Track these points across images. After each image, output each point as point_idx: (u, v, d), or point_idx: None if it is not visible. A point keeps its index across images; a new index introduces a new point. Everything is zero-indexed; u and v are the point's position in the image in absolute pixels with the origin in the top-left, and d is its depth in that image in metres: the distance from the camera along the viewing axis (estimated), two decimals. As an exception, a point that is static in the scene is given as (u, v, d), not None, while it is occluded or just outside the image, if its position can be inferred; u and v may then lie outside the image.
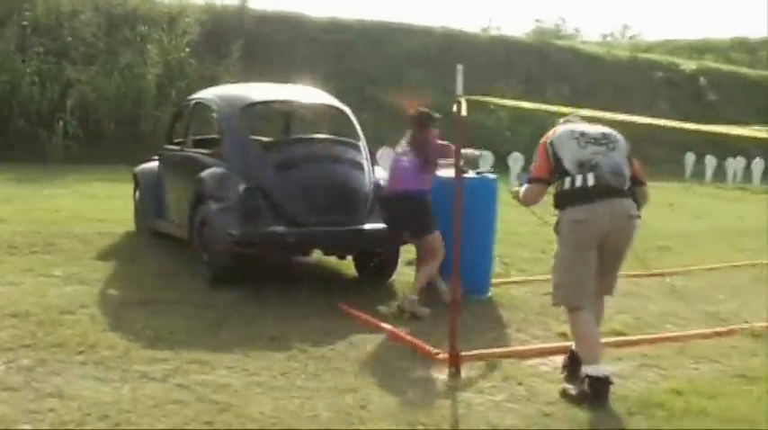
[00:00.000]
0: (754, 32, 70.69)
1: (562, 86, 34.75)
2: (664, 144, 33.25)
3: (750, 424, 6.61)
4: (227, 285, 9.93)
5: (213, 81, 23.55)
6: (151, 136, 23.62)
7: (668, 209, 21.36)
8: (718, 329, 9.59)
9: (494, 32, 44.60)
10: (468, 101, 7.53)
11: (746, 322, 9.89)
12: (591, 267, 7.05)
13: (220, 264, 10.14)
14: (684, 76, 43.91)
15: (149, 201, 13.11)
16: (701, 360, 8.40)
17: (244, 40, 29.13)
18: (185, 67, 27.75)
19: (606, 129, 7.27)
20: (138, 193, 13.75)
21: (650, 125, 7.70)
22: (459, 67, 7.41)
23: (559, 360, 7.87)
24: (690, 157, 33.60)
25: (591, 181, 6.95)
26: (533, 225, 16.69)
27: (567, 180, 7.05)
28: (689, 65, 45.64)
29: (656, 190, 10.81)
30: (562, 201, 7.15)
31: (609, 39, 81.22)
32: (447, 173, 9.93)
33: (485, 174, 10.89)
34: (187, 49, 28.29)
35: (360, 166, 10.70)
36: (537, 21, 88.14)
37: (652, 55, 48.64)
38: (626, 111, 9.20)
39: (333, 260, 11.58)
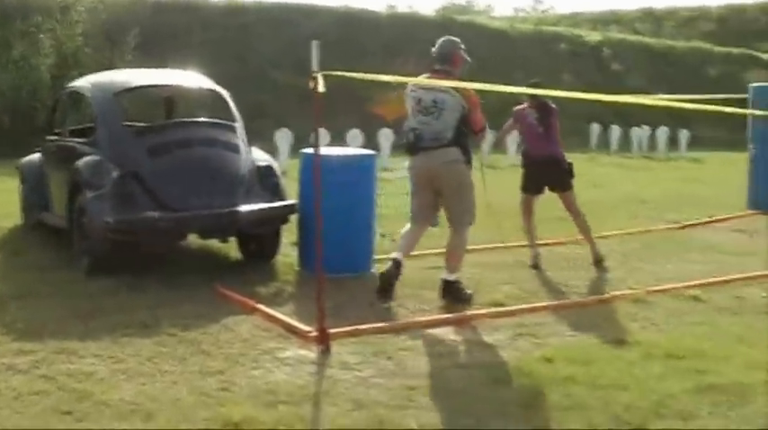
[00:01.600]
0: (661, 3, 71.21)
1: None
2: (569, 115, 33.24)
3: (618, 388, 6.59)
4: (106, 274, 9.76)
5: (109, 70, 23.26)
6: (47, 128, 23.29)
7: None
8: (599, 296, 9.66)
9: (397, 10, 44.39)
10: (325, 76, 7.41)
11: (630, 288, 9.97)
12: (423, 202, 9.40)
13: (98, 252, 9.95)
14: (588, 48, 44.21)
15: (33, 193, 12.91)
16: (580, 327, 8.43)
17: (140, 27, 28.72)
18: (80, 57, 27.30)
19: (438, 96, 8.92)
20: (22, 186, 13.53)
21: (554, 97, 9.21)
22: (315, 44, 7.32)
23: (435, 332, 7.98)
24: (595, 128, 33.84)
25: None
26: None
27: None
28: (593, 36, 45.97)
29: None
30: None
31: (521, 14, 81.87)
32: (327, 150, 9.97)
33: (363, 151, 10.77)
34: (80, 39, 27.83)
35: (235, 149, 10.59)
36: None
37: (556, 27, 48.87)
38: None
39: (216, 244, 11.46)
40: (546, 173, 11.19)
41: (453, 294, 9.20)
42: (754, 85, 18.83)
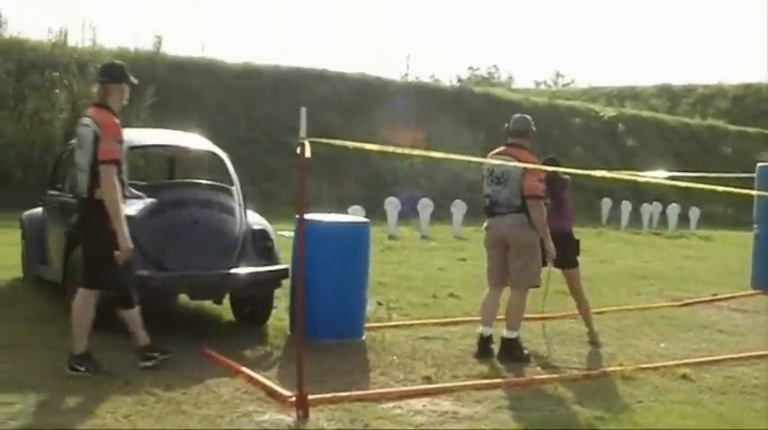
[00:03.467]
0: (678, 80, 71.69)
1: (478, 132, 34.89)
2: (580, 189, 33.31)
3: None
4: (96, 330, 9.74)
5: (124, 128, 23.38)
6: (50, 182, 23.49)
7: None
8: (587, 372, 9.63)
9: (411, 79, 44.57)
10: (312, 143, 7.44)
11: (620, 365, 9.94)
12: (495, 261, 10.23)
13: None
14: (602, 122, 44.34)
15: (33, 246, 13.00)
16: (563, 402, 8.42)
17: (156, 86, 28.87)
18: (94, 113, 27.43)
19: (502, 168, 9.77)
20: (23, 239, 13.64)
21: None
22: (303, 110, 7.36)
23: (415, 403, 7.94)
24: (606, 203, 33.85)
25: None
26: (431, 270, 16.90)
27: None
28: (607, 111, 46.10)
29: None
30: None
31: (542, 86, 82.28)
32: (316, 218, 10.04)
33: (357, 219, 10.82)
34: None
35: (231, 211, 10.62)
36: (470, 68, 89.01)
37: (572, 101, 49.04)
38: (542, 157, 9.67)
39: (210, 305, 11.49)
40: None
41: (512, 352, 9.93)
42: (761, 164, 18.86)
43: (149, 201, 10.28)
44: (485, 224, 10.31)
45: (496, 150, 10.15)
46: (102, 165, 8.34)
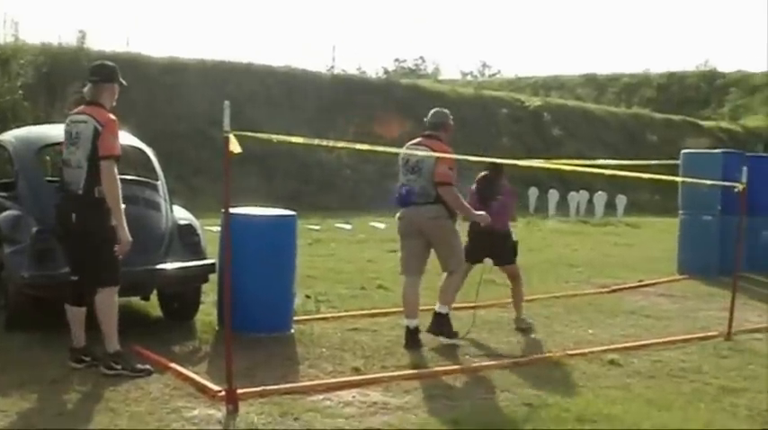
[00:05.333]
0: (603, 69, 72.29)
1: (406, 124, 34.88)
2: (507, 179, 33.53)
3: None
4: (23, 329, 9.66)
5: (48, 123, 23.13)
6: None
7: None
8: (516, 359, 9.68)
9: (337, 72, 44.53)
10: (236, 136, 7.40)
11: (549, 352, 10.03)
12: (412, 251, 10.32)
13: (15, 307, 9.87)
14: (529, 112, 44.56)
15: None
16: (494, 389, 8.47)
17: (80, 81, 28.48)
18: (18, 111, 27.11)
19: (416, 159, 10.08)
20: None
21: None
22: (226, 104, 7.32)
23: (345, 395, 7.96)
24: (533, 192, 34.04)
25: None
26: (360, 262, 16.90)
27: None
28: (533, 101, 46.33)
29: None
30: None
31: (468, 77, 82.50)
32: (243, 212, 10.02)
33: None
34: (20, 92, 27.68)
35: (156, 206, 10.55)
36: (397, 60, 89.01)
37: (498, 92, 49.21)
38: (469, 147, 9.82)
39: (138, 301, 11.40)
40: (488, 245, 11.20)
41: (441, 325, 10.29)
42: (685, 151, 19.10)
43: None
44: (398, 214, 10.44)
45: (413, 141, 10.39)
46: (103, 160, 8.39)
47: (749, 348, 11.08)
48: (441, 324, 10.30)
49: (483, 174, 11.63)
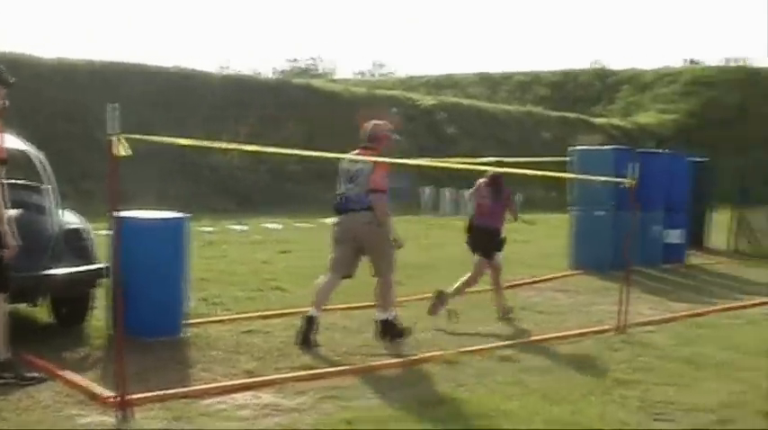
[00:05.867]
0: (497, 68, 73.04)
1: (300, 124, 34.84)
2: (401, 178, 33.55)
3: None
4: None
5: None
6: None
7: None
8: (410, 358, 9.68)
9: (230, 72, 44.31)
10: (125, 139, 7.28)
11: (443, 349, 10.04)
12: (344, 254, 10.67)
13: None
14: (422, 111, 44.71)
15: None
16: (387, 389, 8.42)
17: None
18: None
19: (354, 168, 10.49)
20: None
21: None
22: (110, 107, 7.21)
23: (238, 397, 7.90)
24: (427, 190, 34.15)
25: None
26: (255, 263, 16.79)
27: None
28: (427, 100, 46.50)
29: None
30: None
31: (362, 77, 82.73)
32: (133, 215, 9.87)
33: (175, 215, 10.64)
34: None
35: (43, 211, 10.35)
36: (291, 60, 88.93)
37: (391, 91, 49.31)
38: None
39: (26, 308, 11.17)
40: (484, 240, 12.87)
41: (389, 331, 10.52)
42: (573, 148, 19.33)
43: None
44: (335, 220, 10.82)
45: (353, 152, 10.73)
46: None
47: (641, 341, 11.26)
48: (386, 329, 10.58)
49: (491, 175, 12.82)
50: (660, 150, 24.32)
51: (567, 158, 18.87)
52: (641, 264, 18.02)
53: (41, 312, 11.14)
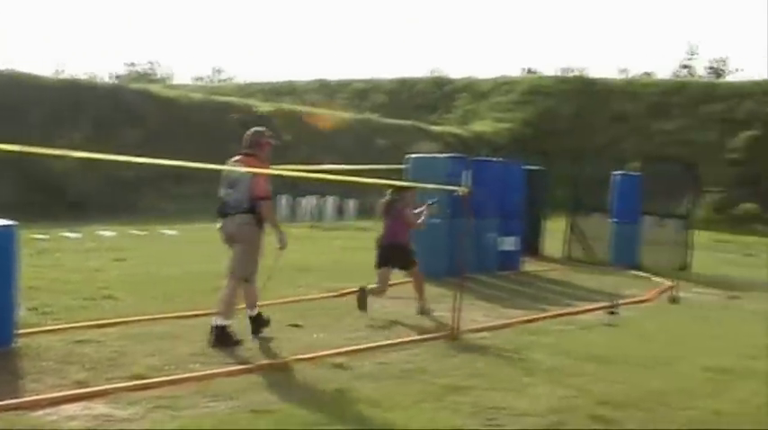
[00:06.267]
0: (335, 75, 73.27)
1: (135, 130, 34.39)
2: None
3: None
4: None
5: None
6: None
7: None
8: (243, 366, 9.64)
9: (65, 76, 43.55)
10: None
11: (277, 357, 10.11)
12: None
13: None
14: (259, 117, 44.49)
15: None
16: (219, 398, 8.39)
17: None
18: None
19: (235, 175, 10.98)
20: None
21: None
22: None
23: (69, 408, 7.77)
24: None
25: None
26: (87, 272, 16.50)
27: None
28: (264, 106, 46.34)
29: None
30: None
31: (201, 82, 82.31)
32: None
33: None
34: None
35: None
36: (128, 64, 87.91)
37: (229, 97, 49.00)
38: (199, 153, 9.91)
39: None
40: (391, 255, 14.26)
41: (222, 339, 10.70)
42: (410, 156, 19.49)
43: None
44: (218, 224, 11.33)
45: (233, 159, 11.32)
46: None
47: (474, 347, 11.45)
48: (220, 336, 10.77)
49: (391, 195, 14.23)
50: (495, 158, 24.59)
51: (404, 166, 18.99)
52: (476, 272, 18.33)
53: None
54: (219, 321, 10.81)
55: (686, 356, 11.79)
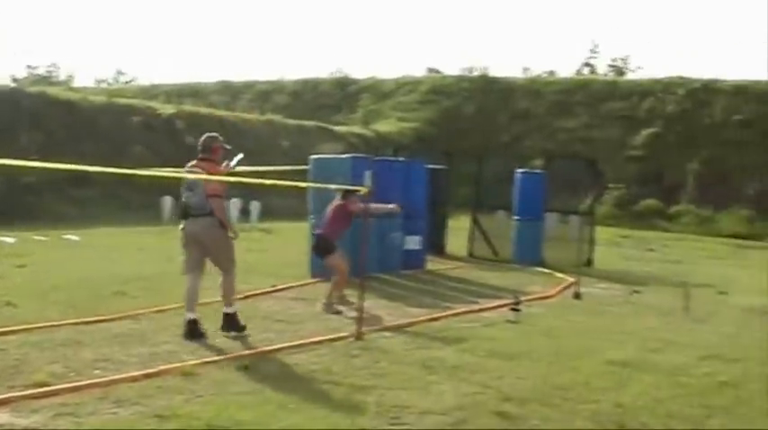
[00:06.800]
0: (238, 77, 72.91)
1: (35, 134, 33.94)
2: (141, 189, 33.01)
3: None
4: None
5: None
6: None
7: (139, 253, 21.42)
8: (146, 371, 9.54)
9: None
10: None
11: (181, 361, 10.03)
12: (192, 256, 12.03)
13: None
14: (161, 120, 44.12)
15: None
16: (123, 403, 8.34)
17: None
18: None
19: (193, 181, 11.68)
20: None
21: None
22: None
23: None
24: (167, 200, 33.67)
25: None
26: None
27: None
28: (167, 109, 45.94)
29: (130, 235, 10.87)
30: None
31: (103, 85, 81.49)
32: None
33: None
34: None
35: None
36: (28, 67, 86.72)
37: (131, 100, 48.52)
38: (101, 156, 9.80)
39: None
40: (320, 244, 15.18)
41: (232, 324, 11.95)
42: (313, 157, 19.50)
43: None
44: (181, 225, 12.04)
45: (190, 164, 12.02)
46: None
47: (378, 347, 11.49)
48: (231, 321, 11.99)
49: (341, 198, 14.98)
50: (398, 158, 24.67)
51: (307, 167, 18.98)
52: (381, 271, 18.41)
53: None
54: (228, 310, 12.03)
55: (589, 351, 11.98)
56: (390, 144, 50.10)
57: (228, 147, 12.49)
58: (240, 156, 13.51)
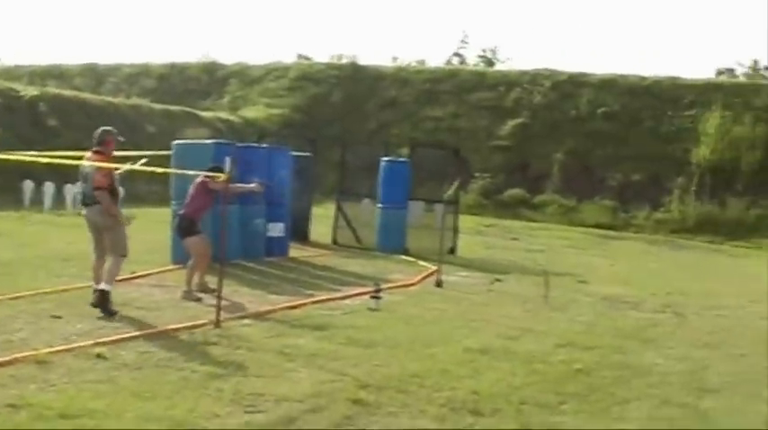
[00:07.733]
0: (104, 60, 71.73)
1: None
2: (1, 172, 32.36)
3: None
4: None
5: None
6: None
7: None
8: (1, 359, 9.35)
9: None
10: None
11: (34, 349, 9.79)
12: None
13: None
14: (24, 102, 43.28)
15: None
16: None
17: None
18: None
19: (86, 170, 12.64)
20: None
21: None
22: None
23: None
24: (28, 185, 33.04)
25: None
26: None
27: None
28: (29, 91, 45.06)
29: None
30: None
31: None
32: None
33: None
34: None
35: None
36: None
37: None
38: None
39: None
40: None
41: (104, 303, 12.32)
42: (176, 142, 19.33)
43: None
44: (83, 212, 13.09)
45: (86, 155, 12.89)
46: None
47: (237, 334, 11.47)
48: (104, 299, 12.34)
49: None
50: (262, 144, 24.58)
51: (171, 152, 18.82)
52: (243, 258, 18.36)
53: None
54: (104, 286, 12.39)
55: (447, 339, 12.13)
56: (257, 130, 49.96)
57: (122, 139, 13.15)
58: (144, 160, 14.32)
